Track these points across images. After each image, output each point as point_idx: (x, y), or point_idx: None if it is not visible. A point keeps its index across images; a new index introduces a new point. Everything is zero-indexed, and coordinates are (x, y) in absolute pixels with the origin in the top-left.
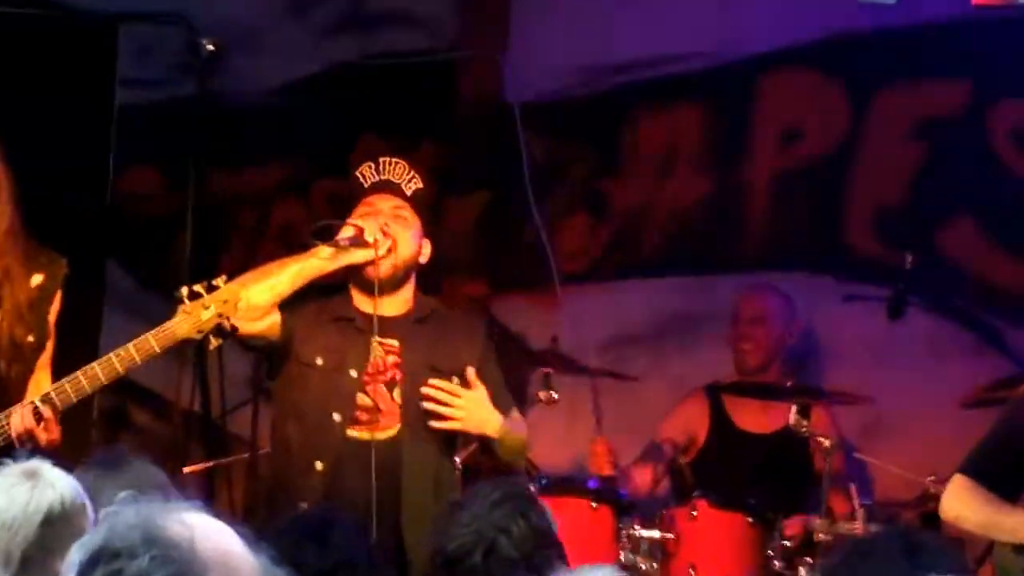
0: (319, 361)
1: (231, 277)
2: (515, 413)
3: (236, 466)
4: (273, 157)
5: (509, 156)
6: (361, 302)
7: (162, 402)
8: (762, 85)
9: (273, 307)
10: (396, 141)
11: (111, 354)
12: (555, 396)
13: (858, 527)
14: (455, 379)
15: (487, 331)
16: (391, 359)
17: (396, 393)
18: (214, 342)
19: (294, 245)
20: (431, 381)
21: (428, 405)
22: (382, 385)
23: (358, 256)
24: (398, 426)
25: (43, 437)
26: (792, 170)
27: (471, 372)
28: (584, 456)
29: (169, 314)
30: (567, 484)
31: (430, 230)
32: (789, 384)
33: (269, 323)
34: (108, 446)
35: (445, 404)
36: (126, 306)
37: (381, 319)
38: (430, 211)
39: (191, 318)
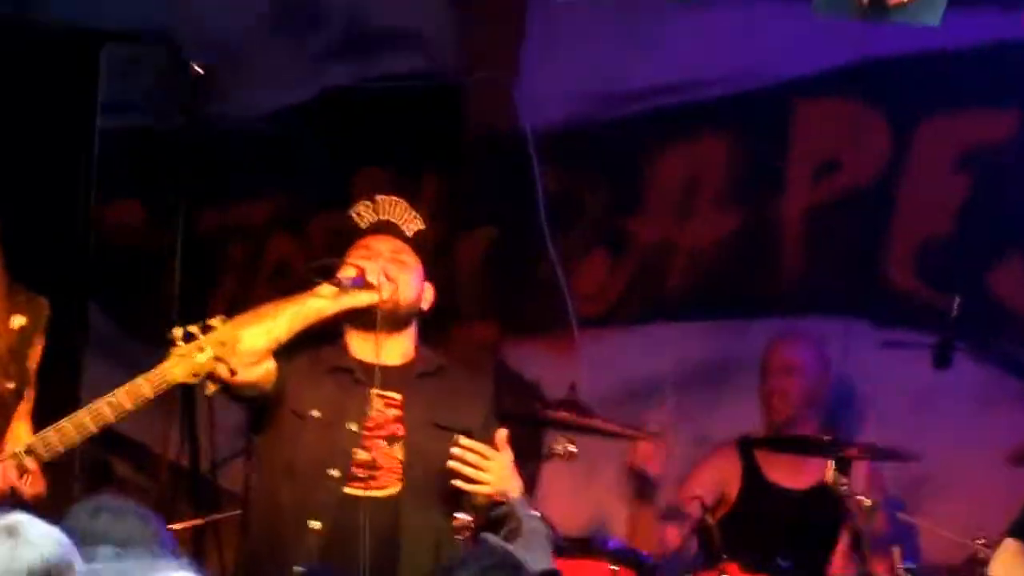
0: (315, 414)
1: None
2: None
3: (227, 524)
4: (266, 189)
5: (521, 189)
6: (359, 350)
7: (147, 454)
8: (795, 113)
9: (269, 353)
10: (397, 172)
11: (100, 400)
12: (573, 449)
13: None
14: (460, 438)
15: (494, 391)
16: (392, 412)
17: (396, 449)
18: (211, 387)
19: (290, 284)
20: (461, 441)
21: (454, 465)
22: (382, 440)
23: (360, 299)
24: (398, 485)
25: (27, 491)
26: (828, 205)
27: (502, 435)
28: (604, 515)
29: (157, 359)
30: (584, 545)
31: (433, 271)
32: (828, 439)
33: (264, 371)
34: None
35: (475, 467)
36: (107, 352)
37: (382, 370)
38: (434, 249)
39: (186, 361)
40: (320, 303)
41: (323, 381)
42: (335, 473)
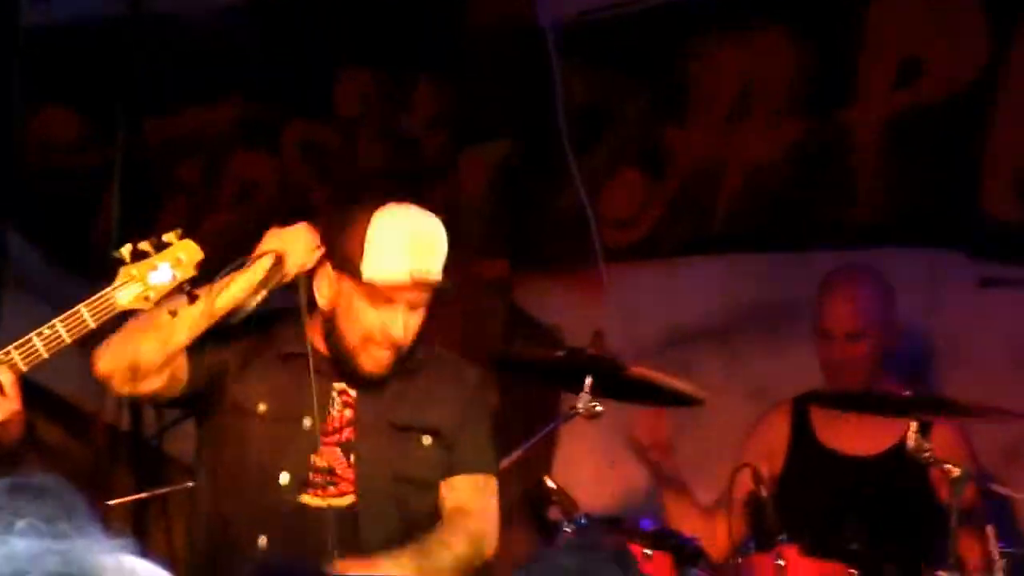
0: (261, 408)
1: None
2: (488, 483)
3: (175, 498)
4: (226, 94)
5: (537, 95)
6: (319, 338)
7: (78, 415)
8: (872, 1)
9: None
10: (388, 75)
11: (32, 334)
12: (599, 408)
13: None
14: (425, 439)
15: (479, 381)
16: (347, 413)
17: (352, 458)
18: (168, 310)
19: (260, 212)
20: None
21: None
22: (336, 447)
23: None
24: (348, 497)
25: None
26: (911, 114)
27: None
28: (633, 491)
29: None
30: (613, 525)
31: (431, 195)
32: (908, 394)
33: (169, 378)
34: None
35: None
36: (30, 289)
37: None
38: (432, 168)
39: (136, 283)
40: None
41: (272, 369)
42: (285, 479)
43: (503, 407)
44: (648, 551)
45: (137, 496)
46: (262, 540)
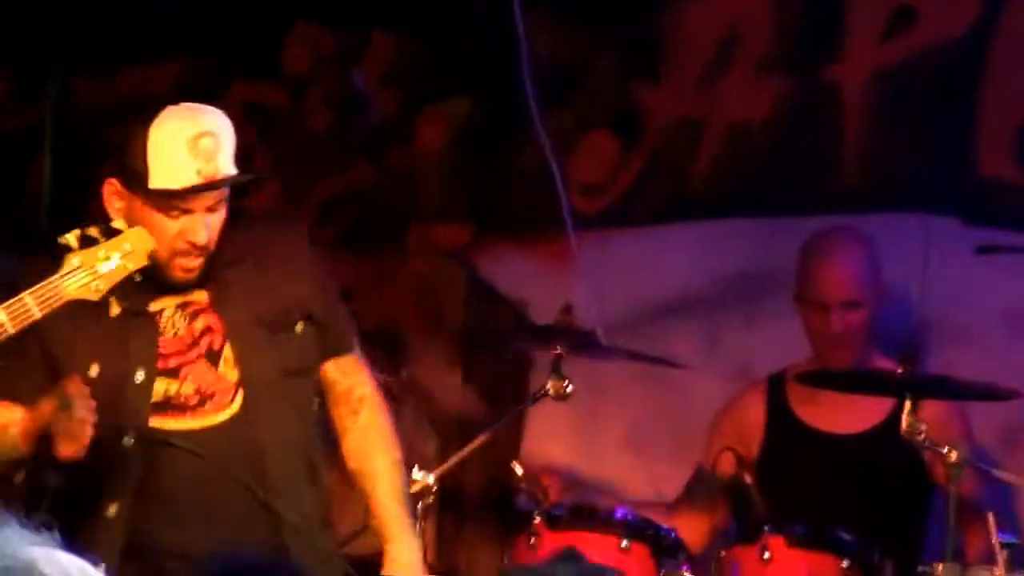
0: (94, 371)
1: None
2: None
3: None
4: (166, 53)
5: (502, 50)
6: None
7: None
8: None
9: None
10: (340, 28)
11: None
12: (569, 387)
13: (998, 575)
14: (299, 327)
15: (310, 247)
16: (199, 323)
17: (224, 366)
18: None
19: None
20: None
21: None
22: (200, 361)
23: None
24: (234, 404)
25: None
26: (902, 67)
27: None
28: (608, 471)
29: (16, 275)
30: (586, 514)
31: (388, 156)
32: (900, 371)
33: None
34: None
35: None
36: None
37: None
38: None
39: (85, 272)
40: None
41: (101, 329)
42: (128, 442)
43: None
44: (624, 542)
45: None
46: (112, 509)
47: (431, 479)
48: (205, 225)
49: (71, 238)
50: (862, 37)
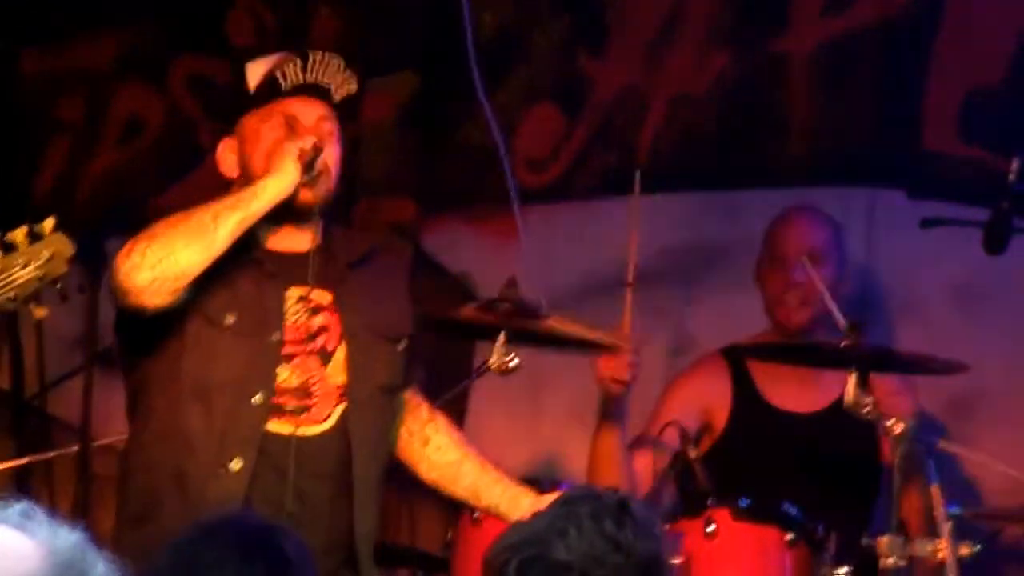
0: (229, 320)
1: (60, 201)
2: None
3: (61, 463)
4: (108, 24)
5: (446, 23)
6: (267, 236)
7: None
8: None
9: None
10: (285, 3)
11: None
12: (512, 362)
13: (943, 547)
14: (402, 344)
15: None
16: (318, 320)
17: (332, 368)
18: (37, 312)
19: (145, 149)
20: None
21: None
22: (311, 357)
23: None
24: (335, 416)
25: None
26: (847, 40)
27: None
28: (552, 450)
29: None
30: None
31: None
32: (846, 344)
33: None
34: None
35: None
36: None
37: (295, 260)
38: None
39: (4, 278)
40: (272, 192)
41: (237, 278)
42: (258, 399)
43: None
44: None
45: (19, 461)
46: (235, 463)
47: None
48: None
49: None
50: (808, 10)
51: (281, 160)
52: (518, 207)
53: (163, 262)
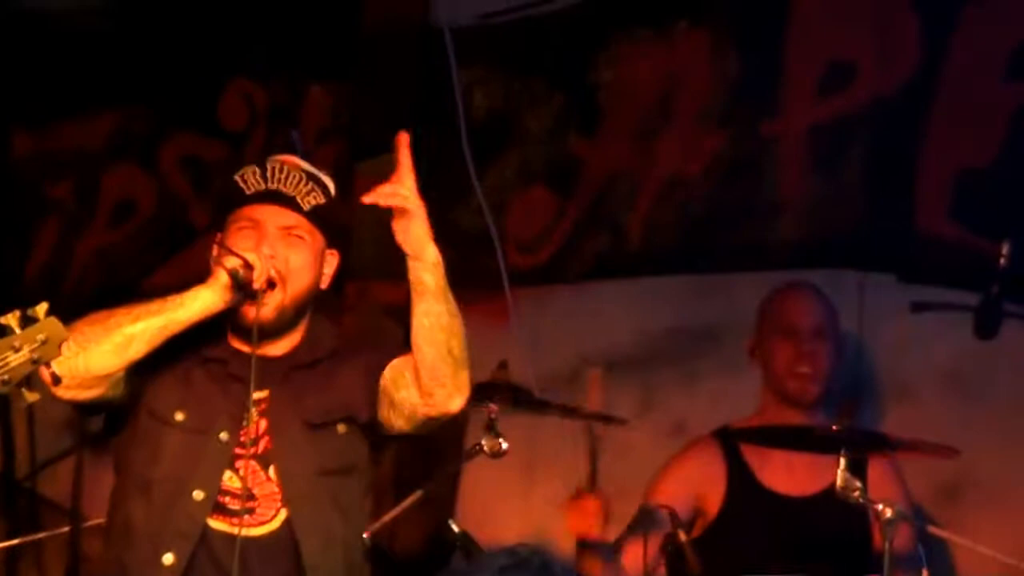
0: (179, 417)
1: (50, 282)
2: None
3: (51, 544)
4: (101, 105)
5: (437, 104)
6: (239, 336)
7: None
8: (797, 2)
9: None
10: (277, 83)
11: None
12: (504, 445)
13: None
14: (340, 428)
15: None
16: (263, 423)
17: (272, 470)
18: (28, 397)
19: (136, 232)
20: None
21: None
22: (252, 461)
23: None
24: (280, 517)
25: None
26: (839, 122)
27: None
28: (544, 528)
29: None
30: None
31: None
32: (836, 428)
33: (111, 384)
34: None
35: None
36: None
37: (263, 363)
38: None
39: None
40: (197, 305)
41: (193, 375)
42: (199, 495)
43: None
44: None
45: (10, 543)
46: (168, 558)
47: (365, 536)
48: (271, 245)
49: None
50: (800, 92)
51: (212, 277)
52: (510, 289)
53: (74, 360)
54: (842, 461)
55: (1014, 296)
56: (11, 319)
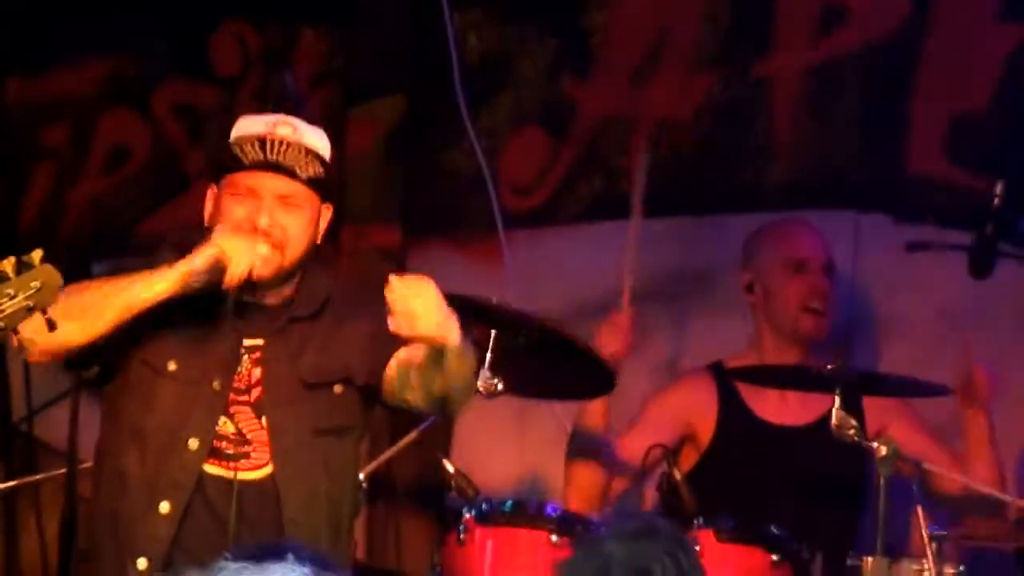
0: (171, 367)
1: (46, 228)
2: None
3: (47, 486)
4: (93, 51)
5: (432, 48)
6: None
7: None
8: None
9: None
10: (270, 27)
11: None
12: (499, 385)
13: (928, 568)
14: (336, 388)
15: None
16: (257, 372)
17: (264, 420)
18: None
19: (130, 177)
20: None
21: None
22: (246, 408)
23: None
24: (270, 464)
25: None
26: (833, 65)
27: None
28: (537, 469)
29: None
30: (517, 511)
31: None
32: (831, 367)
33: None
34: None
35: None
36: None
37: (259, 311)
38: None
39: None
40: (162, 286)
41: (185, 323)
42: (194, 443)
43: None
44: (555, 538)
45: (6, 484)
46: (164, 506)
47: (361, 476)
48: (271, 213)
49: None
50: (793, 34)
51: (186, 259)
52: (503, 231)
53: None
54: (837, 400)
55: (1008, 236)
56: (6, 265)
